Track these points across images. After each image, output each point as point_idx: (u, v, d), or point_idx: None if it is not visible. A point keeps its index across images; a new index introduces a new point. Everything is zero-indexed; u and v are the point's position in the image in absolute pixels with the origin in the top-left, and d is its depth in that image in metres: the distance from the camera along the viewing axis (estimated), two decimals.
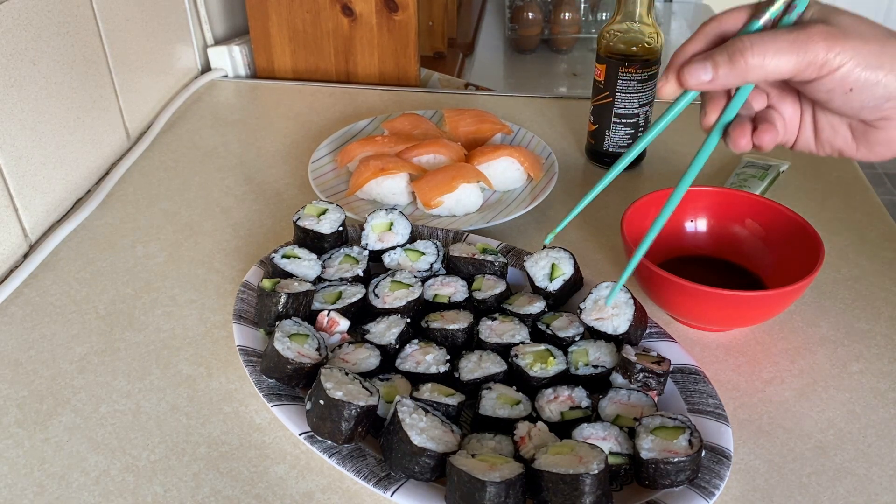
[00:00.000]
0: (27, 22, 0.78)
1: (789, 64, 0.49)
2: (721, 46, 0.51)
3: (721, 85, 0.51)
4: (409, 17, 1.12)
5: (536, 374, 0.60)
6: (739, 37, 0.50)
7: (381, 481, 0.53)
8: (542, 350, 0.62)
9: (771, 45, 0.49)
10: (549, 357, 0.61)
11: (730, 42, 0.51)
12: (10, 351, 0.68)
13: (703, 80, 0.51)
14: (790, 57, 0.49)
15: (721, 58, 0.50)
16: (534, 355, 0.62)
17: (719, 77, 0.51)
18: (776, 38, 0.49)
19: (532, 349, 0.62)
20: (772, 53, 0.49)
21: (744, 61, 0.49)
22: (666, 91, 0.54)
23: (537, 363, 0.61)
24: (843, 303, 0.74)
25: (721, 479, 0.53)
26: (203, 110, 1.10)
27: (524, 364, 0.61)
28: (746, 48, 0.49)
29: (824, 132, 0.55)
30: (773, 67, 0.49)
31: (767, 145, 0.53)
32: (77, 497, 0.56)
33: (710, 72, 0.51)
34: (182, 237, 0.83)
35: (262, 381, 0.60)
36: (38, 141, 0.81)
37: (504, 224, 0.84)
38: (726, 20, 0.53)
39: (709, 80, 0.51)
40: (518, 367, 0.61)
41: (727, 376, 0.66)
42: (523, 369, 0.60)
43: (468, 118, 0.96)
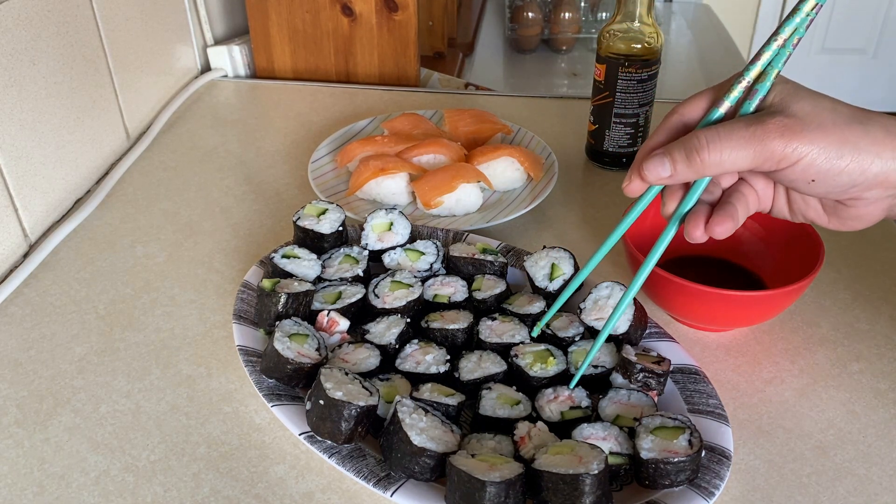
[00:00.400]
0: (27, 22, 0.78)
1: (746, 160, 0.49)
2: (679, 141, 0.51)
3: (681, 180, 0.52)
4: (409, 17, 1.12)
5: (536, 374, 0.60)
6: (696, 132, 0.50)
7: (381, 481, 0.53)
8: (542, 350, 0.62)
9: (727, 141, 0.49)
10: (549, 357, 0.61)
11: (687, 138, 0.51)
12: (9, 351, 0.68)
13: (662, 175, 0.52)
14: (747, 152, 0.49)
15: (679, 154, 0.51)
16: (534, 355, 0.62)
17: (678, 173, 0.51)
18: (732, 133, 0.49)
19: (532, 349, 0.62)
20: (728, 150, 0.49)
21: (699, 159, 0.50)
22: (631, 189, 0.54)
23: (537, 363, 0.61)
24: (843, 303, 0.74)
25: (721, 479, 0.53)
26: (203, 110, 1.10)
27: (524, 364, 0.61)
28: (703, 146, 0.49)
29: (796, 204, 0.55)
30: (730, 164, 0.49)
31: (721, 235, 0.53)
32: (77, 497, 0.56)
33: (668, 168, 0.51)
34: (182, 237, 0.83)
35: (261, 381, 0.60)
36: (37, 141, 0.81)
37: (504, 224, 0.84)
38: (688, 110, 0.53)
39: (668, 176, 0.52)
40: (518, 367, 0.61)
41: (727, 376, 0.66)
42: (523, 369, 0.60)
43: (468, 118, 0.96)
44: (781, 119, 0.48)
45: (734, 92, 0.51)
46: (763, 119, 0.49)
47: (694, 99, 0.54)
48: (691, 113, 0.53)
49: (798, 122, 0.48)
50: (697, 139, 0.50)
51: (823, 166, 0.48)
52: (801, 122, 0.48)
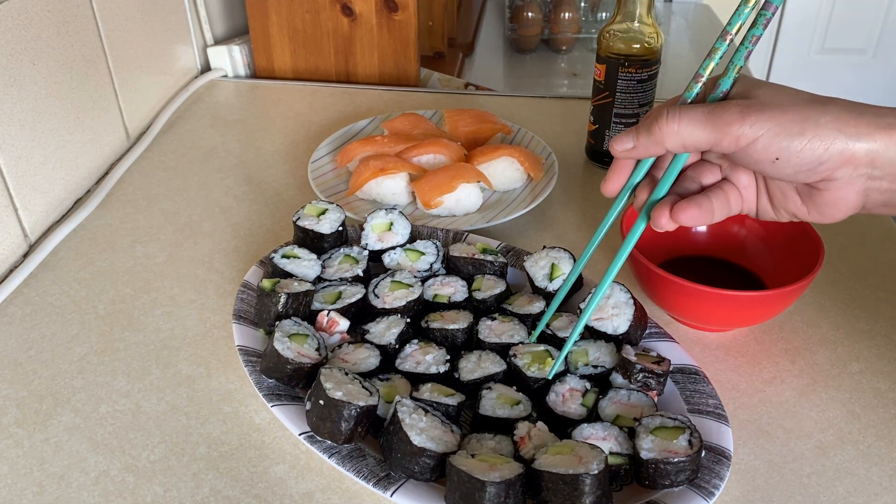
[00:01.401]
0: (27, 22, 0.78)
1: (703, 133, 0.51)
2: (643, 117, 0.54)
3: (644, 153, 0.54)
4: (409, 16, 1.12)
5: (534, 374, 0.60)
6: (657, 107, 0.53)
7: (381, 481, 0.53)
8: (541, 351, 0.62)
9: (686, 115, 0.51)
10: (548, 358, 0.61)
11: (648, 113, 0.54)
12: (9, 351, 0.68)
13: (627, 147, 0.54)
14: (704, 127, 0.51)
15: (642, 127, 0.53)
16: (532, 356, 0.62)
17: (640, 144, 0.54)
18: (692, 109, 0.51)
19: (531, 349, 0.62)
20: (686, 122, 0.51)
21: (658, 128, 0.52)
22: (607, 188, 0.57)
23: (535, 363, 0.61)
24: (843, 303, 0.74)
25: (721, 479, 0.53)
26: (203, 110, 1.10)
27: (522, 364, 0.61)
28: (661, 116, 0.52)
29: (776, 198, 0.56)
30: (688, 135, 0.51)
31: (684, 222, 0.54)
32: (77, 497, 0.56)
33: (631, 140, 0.54)
34: (182, 237, 0.83)
35: (261, 381, 0.60)
36: (37, 141, 0.81)
37: (504, 224, 0.84)
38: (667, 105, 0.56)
39: (632, 147, 0.54)
40: (516, 368, 0.61)
41: (727, 376, 0.66)
42: (521, 370, 0.60)
43: (468, 118, 0.96)
44: (741, 101, 0.50)
45: (694, 89, 0.54)
46: (724, 102, 0.51)
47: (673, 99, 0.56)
48: None
49: (757, 102, 0.50)
50: (658, 111, 0.53)
51: (784, 142, 0.49)
52: (759, 103, 0.50)
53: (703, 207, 0.54)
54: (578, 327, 0.60)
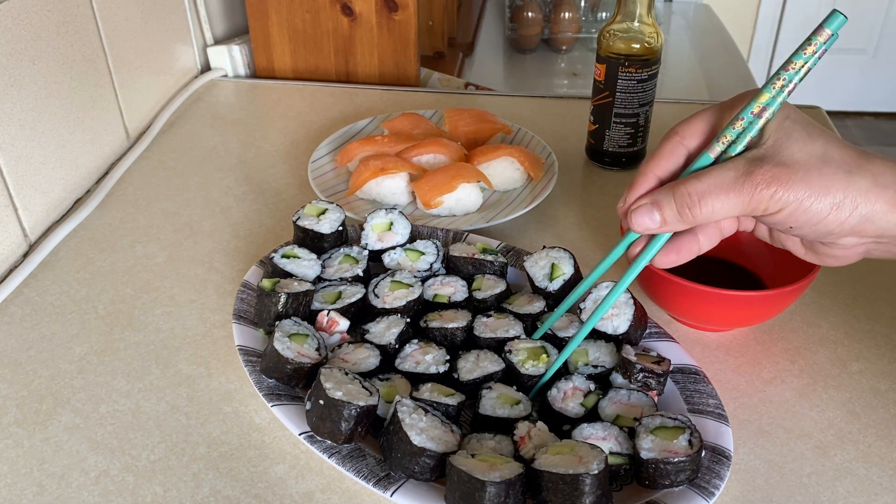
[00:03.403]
0: (27, 22, 0.78)
1: (735, 210, 0.50)
2: (668, 193, 0.51)
3: (668, 231, 0.53)
4: (409, 16, 1.12)
5: (528, 371, 0.60)
6: (685, 184, 0.51)
7: (381, 481, 0.53)
8: (537, 347, 0.62)
9: (716, 195, 0.49)
10: (543, 354, 0.61)
11: (677, 191, 0.51)
12: (9, 351, 0.68)
13: (650, 227, 0.53)
14: (735, 204, 0.49)
15: (668, 210, 0.51)
16: (527, 352, 0.62)
17: (668, 225, 0.52)
18: (722, 186, 0.49)
19: (526, 345, 0.62)
20: (719, 203, 0.50)
21: (691, 215, 0.51)
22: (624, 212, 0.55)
23: (530, 360, 0.61)
24: (843, 303, 0.74)
25: (721, 479, 0.53)
26: (203, 110, 1.10)
27: (516, 361, 0.61)
28: (694, 203, 0.50)
29: (776, 234, 0.57)
30: (719, 215, 0.50)
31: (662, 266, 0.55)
32: (77, 497, 0.56)
33: (657, 220, 0.52)
34: (182, 237, 0.83)
35: (261, 381, 0.60)
36: (37, 141, 0.81)
37: (504, 224, 0.84)
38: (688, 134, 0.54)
39: (656, 228, 0.53)
40: (510, 364, 0.61)
41: (727, 376, 0.66)
42: (514, 366, 0.60)
43: (468, 118, 0.96)
44: (769, 168, 0.49)
45: (727, 136, 0.51)
46: (752, 168, 0.49)
47: (695, 121, 0.54)
48: (691, 139, 0.54)
49: (785, 170, 0.48)
50: (689, 194, 0.50)
51: (802, 217, 0.49)
52: (788, 171, 0.48)
53: (682, 251, 0.54)
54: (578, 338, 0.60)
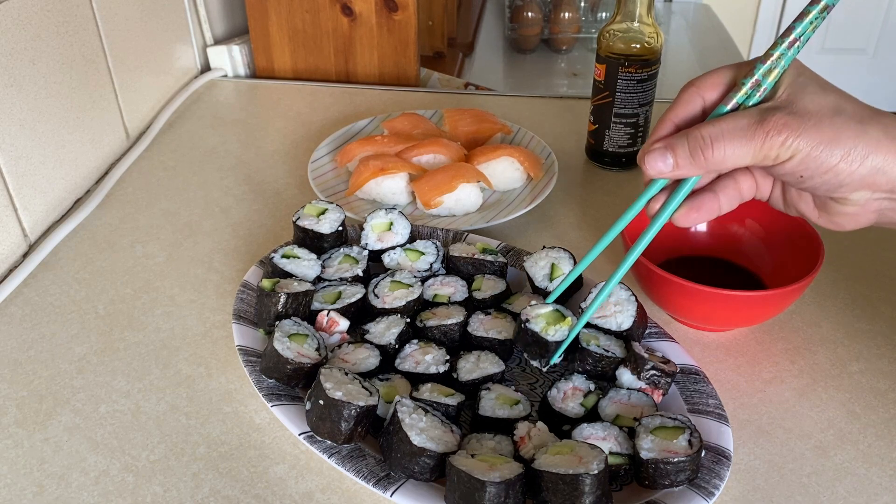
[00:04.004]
0: (27, 22, 0.78)
1: (747, 157, 0.50)
2: (682, 136, 0.51)
3: (681, 175, 0.52)
4: (408, 16, 1.12)
5: (553, 337, 0.59)
6: (699, 128, 0.51)
7: (381, 481, 0.53)
8: (553, 311, 0.61)
9: (730, 139, 0.49)
10: (562, 318, 0.61)
11: (691, 134, 0.51)
12: (9, 351, 0.68)
13: (663, 170, 0.52)
14: (747, 150, 0.49)
15: (682, 151, 0.51)
16: (545, 318, 0.61)
17: (680, 168, 0.51)
18: (734, 131, 0.49)
19: (542, 311, 0.61)
20: (731, 148, 0.49)
21: (703, 157, 0.50)
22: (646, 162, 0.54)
23: (551, 326, 0.60)
24: (843, 303, 0.74)
25: (721, 479, 0.53)
26: (202, 110, 1.10)
27: (538, 329, 0.60)
28: (707, 145, 0.50)
29: (790, 196, 0.56)
30: (732, 161, 0.50)
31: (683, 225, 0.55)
32: (76, 497, 0.56)
33: (670, 163, 0.52)
34: (181, 237, 0.83)
35: (261, 381, 0.60)
36: (37, 141, 0.81)
37: (504, 224, 0.84)
38: (706, 86, 0.53)
39: (669, 171, 0.52)
40: (533, 333, 0.60)
41: (727, 376, 0.66)
42: (539, 334, 0.60)
43: (468, 118, 0.96)
44: (781, 116, 0.49)
45: (742, 90, 0.51)
46: (765, 116, 0.49)
47: (713, 76, 0.53)
48: (708, 91, 0.53)
49: (797, 118, 0.48)
50: (702, 137, 0.50)
51: (813, 163, 0.49)
52: (799, 119, 0.48)
53: (703, 209, 0.54)
54: (578, 327, 0.60)
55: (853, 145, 0.48)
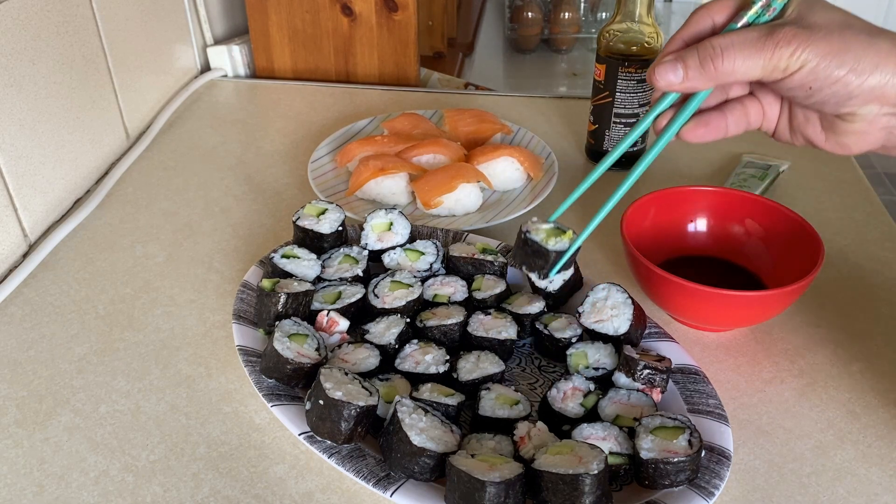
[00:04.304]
0: (27, 22, 0.78)
1: (756, 68, 0.50)
2: (692, 48, 0.52)
3: (690, 88, 0.52)
4: (408, 16, 1.12)
5: (555, 247, 0.58)
6: (710, 40, 0.51)
7: (381, 481, 0.53)
8: (554, 228, 0.60)
9: (740, 50, 0.50)
10: (562, 233, 0.60)
11: (701, 45, 0.51)
12: (9, 351, 0.68)
13: (673, 81, 0.52)
14: (756, 61, 0.49)
15: (692, 61, 0.51)
16: (546, 232, 0.60)
17: (689, 80, 0.52)
18: (745, 42, 0.50)
19: (543, 226, 0.60)
20: (741, 59, 0.50)
21: (713, 67, 0.50)
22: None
23: (551, 238, 0.59)
24: (843, 303, 0.74)
25: (721, 479, 0.53)
26: (202, 110, 1.10)
27: (539, 239, 0.59)
28: (717, 55, 0.50)
29: (797, 120, 0.55)
30: (741, 73, 0.50)
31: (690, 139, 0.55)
32: (76, 497, 0.56)
33: (680, 74, 0.52)
34: (181, 237, 0.83)
35: (261, 381, 0.60)
36: (37, 141, 0.81)
37: (504, 224, 0.84)
38: (715, 8, 0.53)
39: (679, 83, 0.52)
40: (534, 243, 0.59)
41: (727, 376, 0.66)
42: (540, 244, 0.58)
43: (468, 118, 0.96)
44: (791, 28, 0.49)
45: (753, 9, 0.51)
46: (775, 29, 0.50)
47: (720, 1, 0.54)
48: (718, 14, 0.53)
49: (806, 31, 0.49)
50: (712, 47, 0.50)
51: (822, 73, 0.49)
52: (808, 31, 0.49)
53: (710, 126, 0.55)
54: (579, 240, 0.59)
55: (862, 56, 0.48)
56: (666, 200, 0.74)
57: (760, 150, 0.96)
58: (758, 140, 0.99)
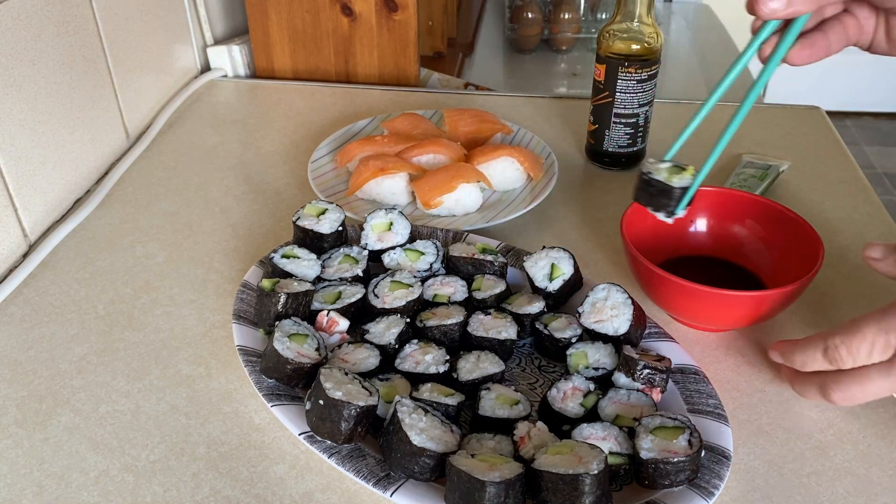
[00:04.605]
0: (27, 22, 0.78)
1: None
2: None
3: (794, 13, 0.53)
4: (408, 16, 1.12)
5: (678, 184, 0.60)
6: None
7: (381, 481, 0.53)
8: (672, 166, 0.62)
9: None
10: (682, 170, 0.61)
11: None
12: (9, 351, 0.68)
13: (777, 9, 0.53)
14: None
15: None
16: (666, 171, 0.61)
17: (793, 5, 0.52)
18: None
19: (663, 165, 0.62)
20: None
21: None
22: None
23: (674, 176, 0.61)
24: (843, 303, 0.74)
25: (721, 479, 0.53)
26: (202, 110, 1.10)
27: (662, 178, 0.61)
28: None
29: (894, 31, 0.56)
30: None
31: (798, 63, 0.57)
32: (76, 497, 0.56)
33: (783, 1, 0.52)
34: (181, 237, 0.83)
35: (261, 381, 0.60)
36: (37, 141, 0.81)
37: (504, 224, 0.84)
38: None
39: (783, 9, 0.53)
40: (657, 182, 0.60)
41: (727, 376, 0.66)
42: (663, 182, 0.60)
43: (468, 118, 0.96)
44: None
45: None
46: None
47: None
48: None
49: None
50: None
51: None
52: None
53: (815, 47, 0.56)
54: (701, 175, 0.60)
55: None
56: None
57: (760, 150, 0.96)
58: (758, 140, 0.99)
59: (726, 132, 0.59)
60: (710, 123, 0.60)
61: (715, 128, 0.60)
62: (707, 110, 0.60)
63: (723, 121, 0.59)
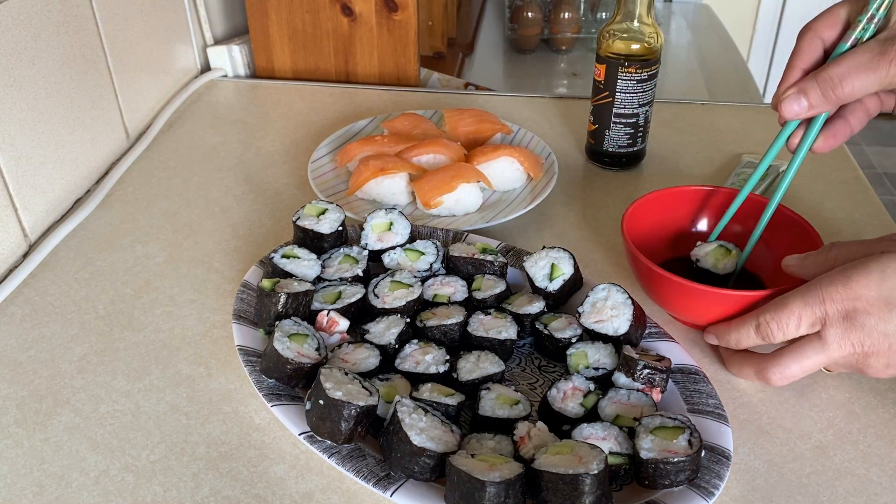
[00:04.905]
0: (27, 22, 0.78)
1: (875, 86, 0.56)
2: (811, 78, 0.58)
3: (815, 114, 0.60)
4: (408, 16, 1.12)
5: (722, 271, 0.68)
6: (827, 71, 0.57)
7: (381, 481, 0.53)
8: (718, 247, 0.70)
9: (856, 74, 0.56)
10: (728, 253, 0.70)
11: (820, 78, 0.58)
12: (9, 351, 0.68)
13: (799, 112, 0.59)
14: (874, 80, 0.56)
15: (813, 93, 0.58)
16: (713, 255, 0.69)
17: (814, 108, 0.59)
18: (860, 66, 0.56)
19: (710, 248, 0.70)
20: (859, 81, 0.56)
21: (834, 95, 0.57)
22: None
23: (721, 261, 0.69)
24: None
25: (721, 479, 0.53)
26: (202, 110, 1.10)
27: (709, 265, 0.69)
28: (836, 84, 0.57)
29: None
30: (860, 92, 0.57)
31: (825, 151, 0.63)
32: (76, 497, 0.56)
33: (804, 105, 0.59)
34: (181, 237, 0.83)
35: (261, 381, 0.60)
36: (37, 141, 0.81)
37: (504, 224, 0.84)
38: (823, 29, 0.59)
39: (805, 112, 0.59)
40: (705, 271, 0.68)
41: (727, 376, 0.66)
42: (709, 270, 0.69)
43: (468, 118, 0.96)
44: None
45: (859, 27, 0.57)
46: (885, 46, 0.55)
47: (828, 17, 0.59)
48: (826, 31, 0.59)
49: None
50: (830, 78, 0.57)
51: None
52: None
53: (838, 135, 0.62)
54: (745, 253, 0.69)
55: None
56: (666, 200, 0.74)
57: (760, 150, 0.96)
58: (758, 140, 0.99)
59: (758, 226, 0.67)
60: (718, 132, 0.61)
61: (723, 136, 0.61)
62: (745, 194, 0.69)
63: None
